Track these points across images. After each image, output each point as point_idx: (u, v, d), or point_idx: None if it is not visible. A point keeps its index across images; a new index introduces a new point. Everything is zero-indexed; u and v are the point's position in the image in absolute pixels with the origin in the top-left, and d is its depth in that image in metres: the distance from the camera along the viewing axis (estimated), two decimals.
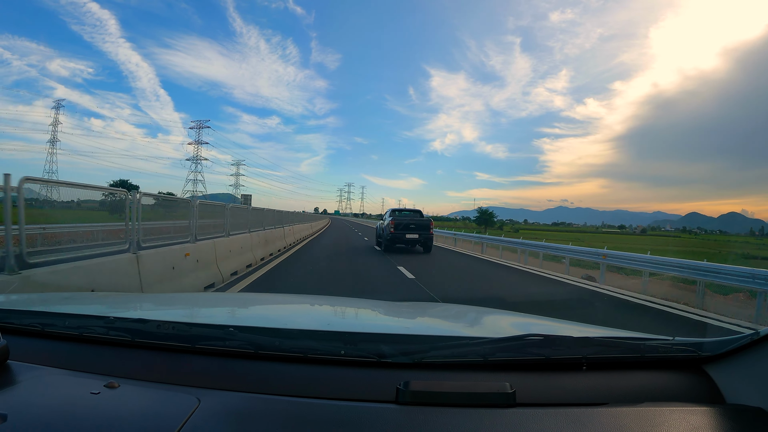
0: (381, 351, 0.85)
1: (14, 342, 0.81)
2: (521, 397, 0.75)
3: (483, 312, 1.58)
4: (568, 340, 0.88)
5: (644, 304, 5.97)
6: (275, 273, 7.62)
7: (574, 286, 7.60)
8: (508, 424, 0.69)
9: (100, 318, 1.01)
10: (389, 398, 0.75)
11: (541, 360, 0.86)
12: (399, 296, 5.69)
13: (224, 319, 1.38)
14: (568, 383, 0.83)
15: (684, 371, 0.90)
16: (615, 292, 6.81)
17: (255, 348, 0.87)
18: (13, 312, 1.09)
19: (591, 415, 0.73)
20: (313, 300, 2.12)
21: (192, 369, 0.85)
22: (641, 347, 0.91)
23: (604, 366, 0.88)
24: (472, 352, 0.87)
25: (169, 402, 0.73)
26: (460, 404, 0.74)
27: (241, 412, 0.72)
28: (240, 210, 9.13)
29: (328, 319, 1.49)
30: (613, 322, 5.09)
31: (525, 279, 8.43)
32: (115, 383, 0.75)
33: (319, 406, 0.74)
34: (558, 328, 1.30)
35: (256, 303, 1.84)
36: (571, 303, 6.03)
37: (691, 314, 5.37)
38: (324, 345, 0.89)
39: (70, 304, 1.43)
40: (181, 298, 2.06)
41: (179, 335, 0.91)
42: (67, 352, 0.92)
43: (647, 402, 0.79)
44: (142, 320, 0.95)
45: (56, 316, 1.08)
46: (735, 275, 6.27)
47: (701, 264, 6.92)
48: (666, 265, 7.67)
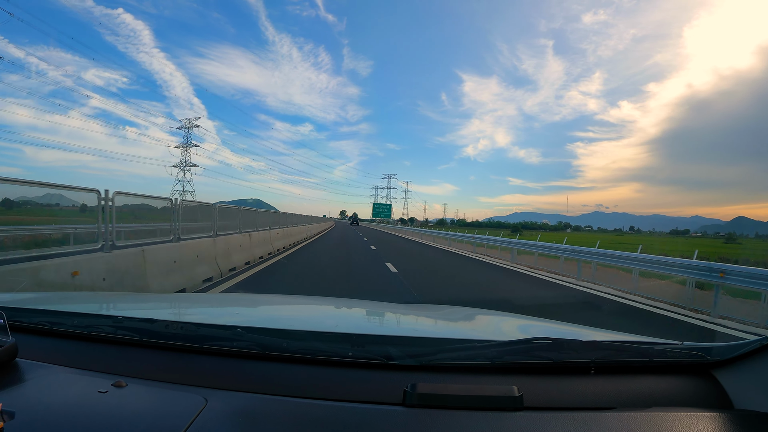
0: (388, 353, 0.84)
1: (23, 340, 0.82)
2: (529, 401, 0.75)
3: (491, 315, 1.57)
4: (576, 343, 0.88)
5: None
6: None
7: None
8: (516, 428, 0.69)
9: (108, 317, 1.02)
10: (396, 400, 0.75)
11: (548, 363, 0.85)
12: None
13: (232, 319, 1.39)
14: (576, 387, 0.82)
15: (692, 376, 0.89)
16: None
17: (262, 349, 0.87)
18: (22, 310, 1.10)
19: (598, 420, 0.72)
20: (320, 301, 2.13)
21: (199, 369, 0.85)
22: (649, 351, 0.91)
23: (612, 370, 0.87)
24: (479, 354, 0.86)
25: (177, 401, 0.73)
26: (468, 407, 0.73)
27: (248, 412, 0.72)
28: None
29: (336, 321, 1.49)
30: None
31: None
32: (123, 382, 0.76)
33: (325, 408, 0.74)
34: (566, 331, 1.29)
35: (264, 304, 1.85)
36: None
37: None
38: (331, 346, 0.89)
39: (78, 303, 1.44)
40: (189, 298, 2.07)
41: (187, 335, 0.91)
42: (75, 351, 0.92)
43: (655, 407, 0.79)
44: (150, 320, 0.95)
45: (64, 314, 1.09)
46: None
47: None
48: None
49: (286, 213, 19.01)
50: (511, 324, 1.49)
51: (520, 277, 9.24)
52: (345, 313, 1.64)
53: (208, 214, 8.00)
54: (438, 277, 9.22)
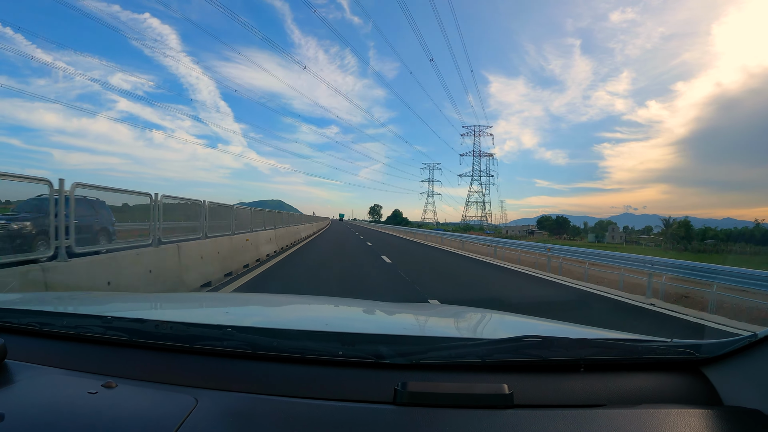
0: (379, 352, 0.84)
1: (12, 341, 0.81)
2: (519, 399, 0.75)
3: (481, 313, 1.58)
4: (565, 341, 0.88)
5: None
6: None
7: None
8: (506, 426, 0.69)
9: (97, 317, 1.01)
10: (387, 399, 0.75)
11: (538, 361, 0.86)
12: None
13: (222, 319, 1.38)
14: (566, 385, 0.83)
15: (682, 373, 0.90)
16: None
17: (252, 348, 0.87)
18: (11, 311, 1.09)
19: (589, 417, 0.73)
20: (311, 300, 2.12)
21: (190, 369, 0.85)
22: (639, 349, 0.92)
23: (602, 367, 0.88)
24: (469, 353, 0.87)
25: (167, 402, 0.72)
26: (458, 405, 0.73)
27: (238, 412, 0.71)
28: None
29: (326, 320, 1.49)
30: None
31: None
32: (113, 383, 0.75)
33: (316, 407, 0.74)
34: (556, 329, 1.30)
35: (255, 303, 1.84)
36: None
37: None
38: (322, 345, 0.89)
39: (68, 303, 1.42)
40: (179, 298, 2.05)
41: (177, 335, 0.91)
42: (64, 352, 0.91)
43: (645, 404, 0.80)
44: (140, 320, 0.95)
45: (54, 315, 1.08)
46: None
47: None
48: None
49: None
50: (501, 322, 1.50)
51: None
52: (336, 312, 1.64)
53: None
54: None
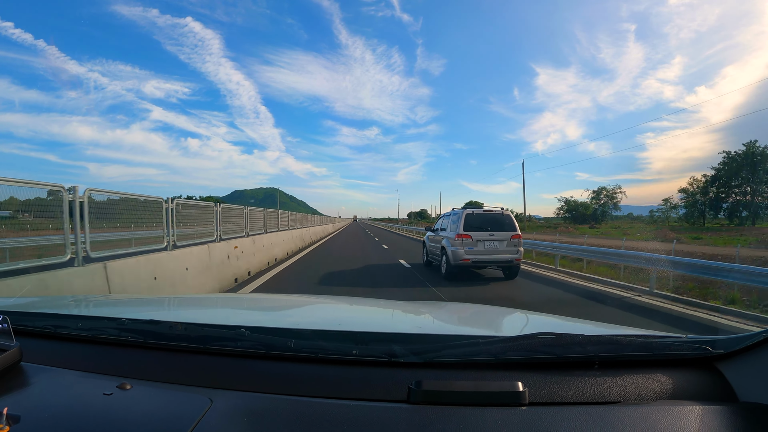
0: (392, 351, 0.84)
1: (27, 344, 0.83)
2: (533, 396, 0.75)
3: (494, 311, 1.57)
4: (579, 338, 0.87)
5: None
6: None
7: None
8: (520, 423, 0.69)
9: (112, 320, 1.02)
10: (401, 398, 0.75)
11: (552, 359, 0.85)
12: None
13: (236, 319, 1.39)
14: (580, 382, 0.82)
15: (696, 369, 0.88)
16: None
17: (266, 348, 0.87)
18: (27, 314, 1.10)
19: (603, 414, 0.72)
20: (324, 300, 2.13)
21: (204, 369, 0.85)
22: (653, 345, 0.91)
23: (616, 364, 0.87)
24: (483, 351, 0.86)
25: (182, 402, 0.73)
26: (472, 403, 0.73)
27: (253, 412, 0.72)
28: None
29: (339, 319, 1.49)
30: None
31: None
32: (128, 384, 0.76)
33: (330, 406, 0.74)
34: (569, 326, 1.29)
35: (268, 303, 1.85)
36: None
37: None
38: (335, 345, 0.89)
39: (82, 306, 1.44)
40: (193, 300, 2.07)
41: (191, 336, 0.91)
42: (79, 354, 0.93)
43: (660, 400, 0.79)
44: (154, 321, 0.96)
45: (69, 318, 1.09)
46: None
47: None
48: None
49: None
50: (515, 320, 1.49)
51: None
52: (349, 311, 1.64)
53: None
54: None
